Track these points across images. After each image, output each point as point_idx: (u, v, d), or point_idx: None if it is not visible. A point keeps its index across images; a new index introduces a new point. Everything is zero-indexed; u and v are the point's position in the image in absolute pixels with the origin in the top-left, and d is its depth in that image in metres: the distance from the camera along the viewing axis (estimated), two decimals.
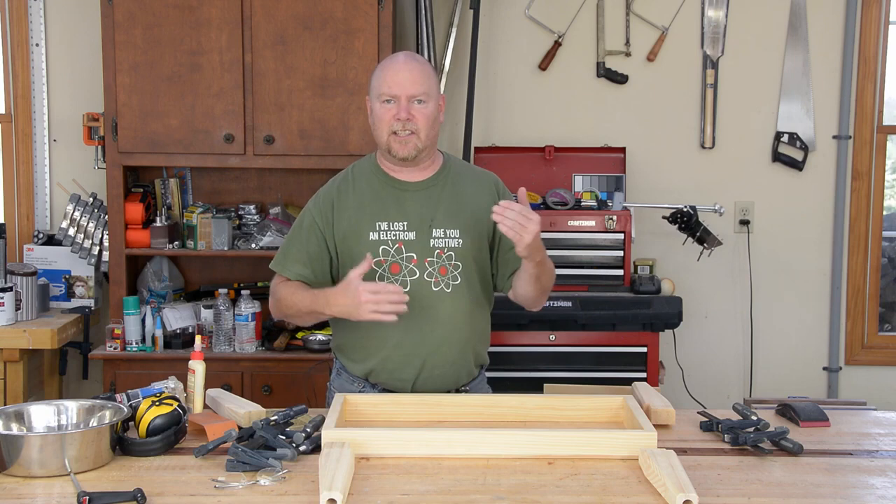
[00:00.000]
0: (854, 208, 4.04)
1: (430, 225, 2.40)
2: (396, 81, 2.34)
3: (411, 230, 2.39)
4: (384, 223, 2.39)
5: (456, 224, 2.41)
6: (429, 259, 2.38)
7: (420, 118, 2.35)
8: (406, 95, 2.34)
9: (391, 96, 2.35)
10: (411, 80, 2.34)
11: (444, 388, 2.43)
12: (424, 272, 2.38)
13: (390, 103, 2.35)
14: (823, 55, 3.99)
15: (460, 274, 2.40)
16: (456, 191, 2.45)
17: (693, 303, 3.93)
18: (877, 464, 2.04)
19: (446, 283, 2.39)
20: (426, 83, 2.36)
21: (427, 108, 2.36)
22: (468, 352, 2.45)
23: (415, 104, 2.35)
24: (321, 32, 3.52)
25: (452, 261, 2.39)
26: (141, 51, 3.52)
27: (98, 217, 3.73)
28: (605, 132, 4.00)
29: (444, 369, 2.41)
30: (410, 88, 2.34)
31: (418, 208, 2.41)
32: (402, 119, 2.34)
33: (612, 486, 1.87)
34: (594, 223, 3.63)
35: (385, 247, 2.38)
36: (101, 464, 1.96)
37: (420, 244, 2.39)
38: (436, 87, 2.40)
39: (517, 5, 3.98)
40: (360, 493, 1.81)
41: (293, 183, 3.89)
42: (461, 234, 2.40)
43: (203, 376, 2.32)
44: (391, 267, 2.38)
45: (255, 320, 3.55)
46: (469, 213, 2.43)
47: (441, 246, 2.39)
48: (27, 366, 3.56)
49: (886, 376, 4.09)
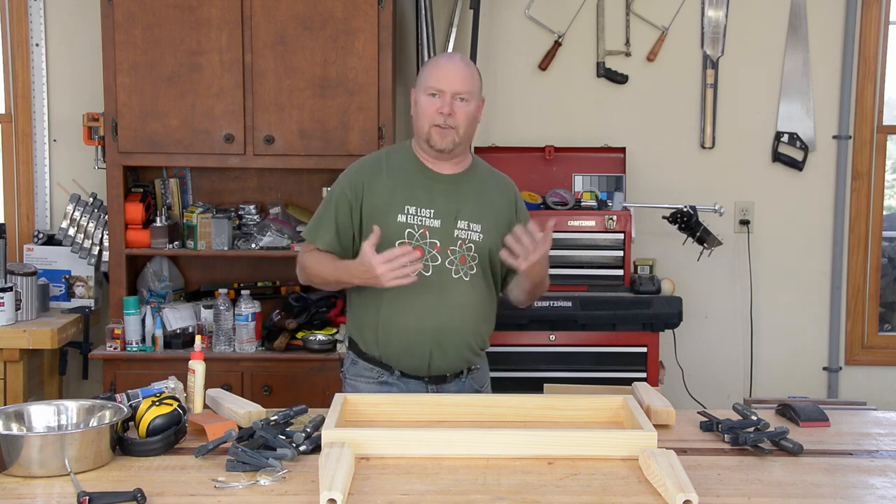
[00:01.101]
0: (854, 208, 4.04)
1: (456, 216, 2.51)
2: (444, 77, 2.47)
3: (437, 218, 2.50)
4: (413, 208, 2.50)
5: (479, 219, 2.54)
6: (451, 248, 2.50)
7: (461, 115, 2.48)
8: (451, 91, 2.47)
9: (437, 90, 2.47)
10: (458, 78, 2.48)
11: (456, 368, 2.57)
12: (446, 259, 2.49)
13: (435, 97, 2.48)
14: (823, 55, 3.99)
15: (477, 265, 2.53)
16: (481, 190, 2.59)
17: (693, 303, 3.93)
18: (877, 464, 2.04)
19: (465, 271, 2.51)
20: (471, 83, 2.50)
21: (468, 106, 2.49)
22: (476, 335, 2.58)
23: (458, 101, 2.48)
24: (321, 32, 3.52)
25: (472, 252, 2.52)
26: (141, 51, 3.52)
27: (98, 217, 3.73)
28: (605, 132, 4.00)
29: (457, 351, 2.53)
30: (456, 86, 2.47)
31: (446, 199, 2.52)
32: (445, 113, 2.46)
33: (612, 486, 1.87)
34: (594, 223, 3.63)
35: (410, 230, 2.49)
36: (101, 464, 1.96)
37: (445, 232, 2.50)
38: (479, 89, 2.54)
39: (517, 5, 3.98)
40: (360, 493, 1.81)
41: (293, 183, 3.89)
42: (482, 230, 2.53)
43: (203, 376, 2.32)
44: (414, 250, 2.42)
45: (255, 320, 3.54)
46: (491, 212, 2.57)
47: (464, 237, 2.51)
48: (27, 366, 3.56)
49: (886, 376, 4.09)
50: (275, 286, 3.83)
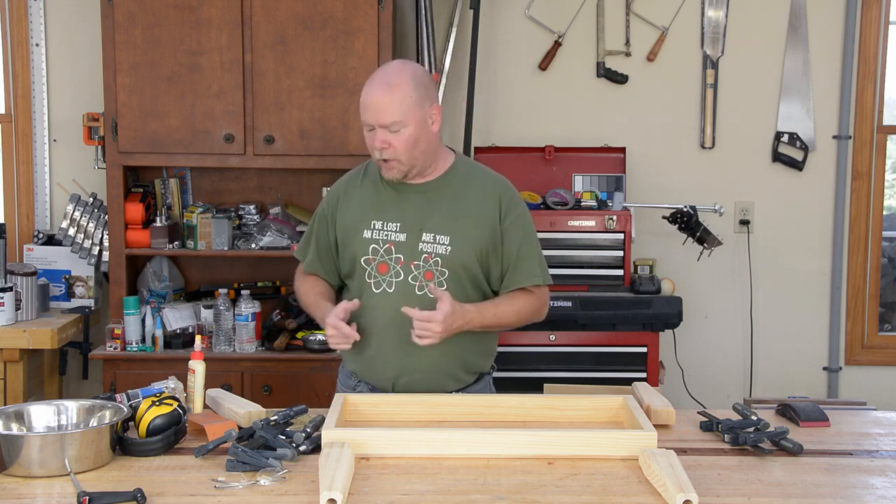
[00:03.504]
0: (854, 208, 4.04)
1: (421, 229, 2.39)
2: (367, 110, 2.34)
3: (403, 232, 2.40)
4: (379, 222, 2.41)
5: (448, 231, 2.39)
6: (415, 262, 2.38)
7: (397, 145, 2.33)
8: (378, 125, 2.33)
9: (368, 125, 2.35)
10: (381, 110, 2.31)
11: (425, 389, 2.40)
12: (409, 275, 2.38)
13: (372, 130, 2.35)
14: (823, 55, 3.99)
15: (446, 280, 2.38)
16: (456, 196, 2.43)
17: (693, 303, 3.93)
18: (877, 464, 2.04)
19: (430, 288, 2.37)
20: (395, 111, 2.31)
21: (403, 134, 2.32)
22: (451, 358, 2.42)
23: (388, 133, 2.33)
24: (321, 32, 3.52)
25: (439, 266, 2.38)
26: (141, 51, 3.52)
27: (98, 217, 3.73)
28: (605, 132, 4.00)
29: (424, 373, 2.40)
30: (380, 118, 2.32)
31: (414, 211, 2.41)
32: (378, 148, 2.34)
33: (612, 486, 1.87)
34: (594, 223, 3.63)
35: (375, 246, 2.40)
36: (101, 464, 1.96)
37: (409, 247, 2.39)
38: (413, 106, 2.32)
39: (517, 5, 3.98)
40: (360, 493, 1.81)
41: (293, 183, 3.89)
42: (451, 242, 2.38)
43: (203, 376, 2.32)
44: (379, 267, 2.40)
45: (255, 320, 3.55)
46: (467, 221, 2.41)
47: (428, 251, 2.38)
48: (27, 366, 3.56)
49: (886, 376, 4.09)
50: (275, 286, 3.84)
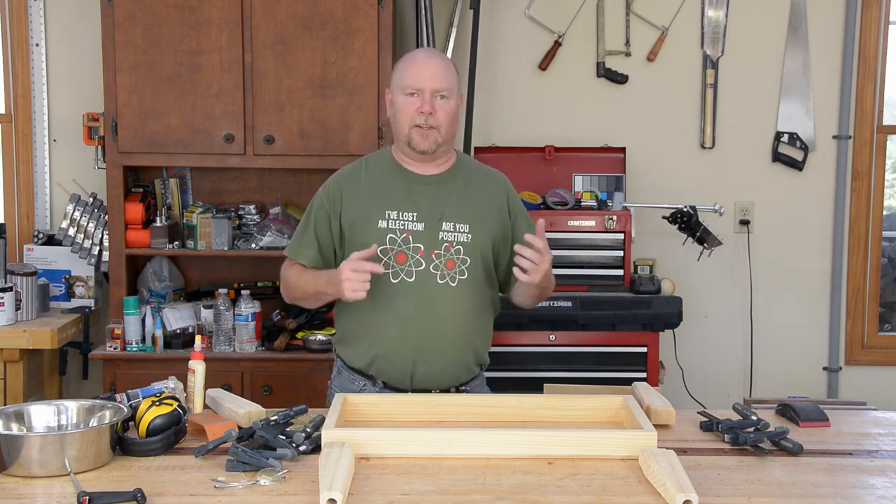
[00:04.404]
0: (854, 208, 4.04)
1: (441, 218, 2.41)
2: (421, 75, 2.37)
3: (421, 221, 2.41)
4: (394, 212, 2.41)
5: (466, 219, 2.42)
6: (436, 251, 2.40)
7: (442, 113, 2.38)
8: (430, 89, 2.37)
9: (415, 89, 2.37)
10: (436, 74, 2.37)
11: (443, 384, 2.44)
12: (430, 264, 2.39)
13: (414, 97, 2.38)
14: (823, 55, 3.99)
15: (467, 269, 2.41)
16: (467, 188, 2.47)
17: (693, 303, 3.93)
18: (877, 464, 2.04)
19: (452, 276, 2.40)
20: (449, 79, 2.40)
21: (449, 103, 2.39)
22: (468, 349, 2.46)
23: (438, 99, 2.38)
24: (321, 32, 3.52)
25: (461, 255, 2.41)
26: (141, 51, 3.52)
27: (98, 217, 3.73)
28: (605, 132, 4.00)
29: (444, 364, 2.42)
30: (434, 83, 2.37)
31: (429, 201, 2.43)
32: (426, 112, 2.36)
33: (612, 486, 1.87)
34: (594, 223, 3.63)
35: (392, 235, 2.39)
36: (101, 464, 1.95)
37: (428, 236, 2.40)
38: (457, 84, 2.44)
39: (517, 5, 3.98)
40: (360, 493, 1.81)
41: (293, 183, 3.89)
42: (470, 230, 2.42)
43: (203, 376, 2.32)
44: (397, 256, 2.39)
45: (255, 320, 3.55)
46: (479, 210, 2.45)
47: (450, 239, 2.40)
48: (27, 366, 3.56)
49: (886, 376, 4.09)
50: (275, 286, 3.83)
